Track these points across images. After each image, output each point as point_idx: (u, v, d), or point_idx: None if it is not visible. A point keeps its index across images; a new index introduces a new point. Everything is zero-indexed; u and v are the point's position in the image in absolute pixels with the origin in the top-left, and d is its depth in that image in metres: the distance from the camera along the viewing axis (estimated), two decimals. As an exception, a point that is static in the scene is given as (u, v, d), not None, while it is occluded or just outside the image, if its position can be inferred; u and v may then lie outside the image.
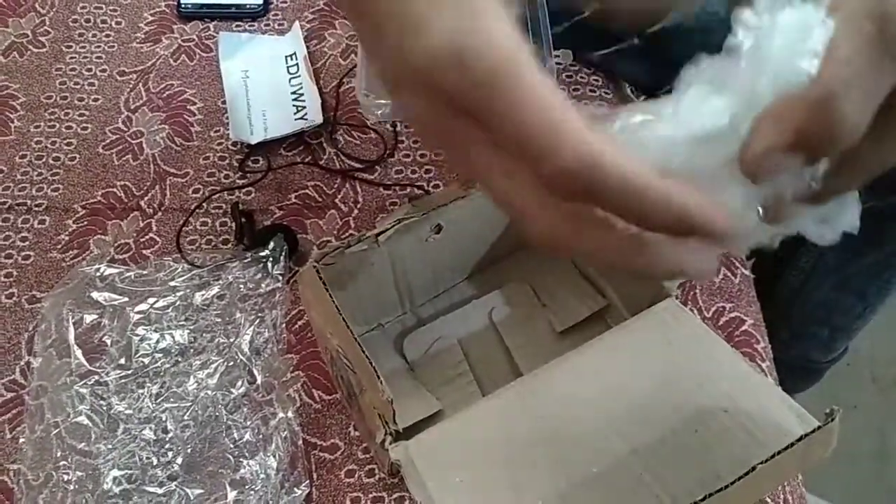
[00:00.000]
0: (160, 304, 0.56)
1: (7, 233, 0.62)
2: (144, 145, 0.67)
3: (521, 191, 0.27)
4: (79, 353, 0.53)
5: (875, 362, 1.33)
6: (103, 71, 0.72)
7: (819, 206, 0.29)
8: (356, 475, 0.51)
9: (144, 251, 0.61)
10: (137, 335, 0.55)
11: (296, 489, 0.49)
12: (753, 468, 0.39)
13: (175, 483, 0.49)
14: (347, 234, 0.62)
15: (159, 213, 0.63)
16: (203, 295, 0.57)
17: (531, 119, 0.24)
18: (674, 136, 0.26)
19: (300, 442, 0.52)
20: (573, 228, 0.27)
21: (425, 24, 0.25)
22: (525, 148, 0.25)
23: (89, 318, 0.55)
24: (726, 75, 0.26)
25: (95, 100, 0.70)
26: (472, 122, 0.26)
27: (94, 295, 0.56)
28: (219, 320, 0.56)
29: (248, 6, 0.76)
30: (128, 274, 0.58)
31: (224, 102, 0.69)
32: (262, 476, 0.49)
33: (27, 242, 0.61)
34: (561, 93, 0.25)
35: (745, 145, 0.25)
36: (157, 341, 0.55)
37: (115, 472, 0.49)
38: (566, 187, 0.25)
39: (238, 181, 0.65)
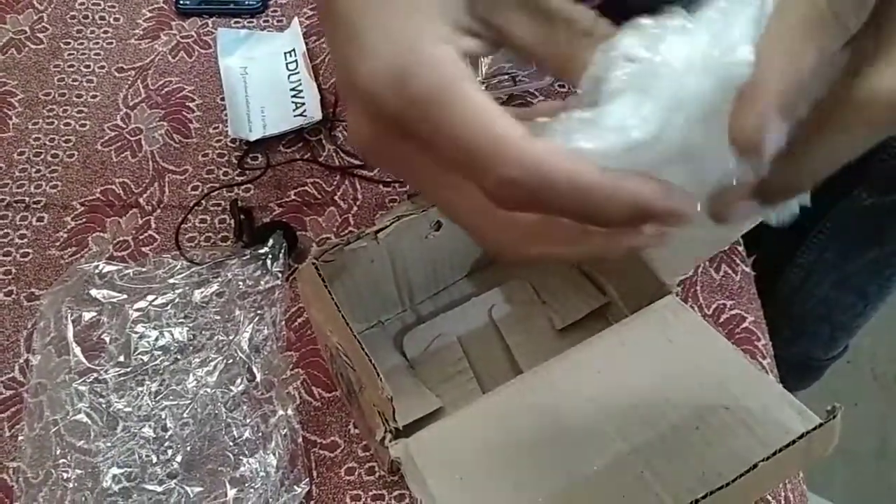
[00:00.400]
0: (159, 301, 0.56)
1: (5, 230, 0.61)
2: (143, 142, 0.67)
3: (468, 205, 0.27)
4: (78, 350, 0.53)
5: (876, 360, 1.33)
6: (101, 67, 0.72)
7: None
8: (356, 473, 0.51)
9: (143, 248, 0.61)
10: (136, 333, 0.54)
11: (295, 487, 0.49)
12: (755, 465, 0.39)
13: (174, 481, 0.49)
14: (347, 231, 0.62)
15: (158, 211, 0.63)
16: (202, 292, 0.57)
17: (470, 134, 0.24)
18: (605, 147, 0.25)
19: (300, 440, 0.52)
20: (522, 235, 0.27)
21: (370, 48, 0.26)
22: (467, 163, 0.25)
23: (88, 315, 0.55)
24: (651, 81, 0.26)
25: (94, 96, 0.70)
26: (415, 143, 0.26)
27: (93, 292, 0.56)
28: (218, 318, 0.55)
29: (246, 2, 0.75)
30: (126, 271, 0.58)
31: (223, 99, 0.69)
32: (261, 474, 0.49)
33: (25, 240, 0.61)
34: (500, 108, 0.25)
35: (736, 124, 0.25)
36: (157, 339, 0.54)
37: (115, 470, 0.49)
38: (512, 197, 0.25)
39: (237, 178, 0.65)
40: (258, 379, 0.53)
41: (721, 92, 0.25)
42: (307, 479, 0.50)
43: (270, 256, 0.58)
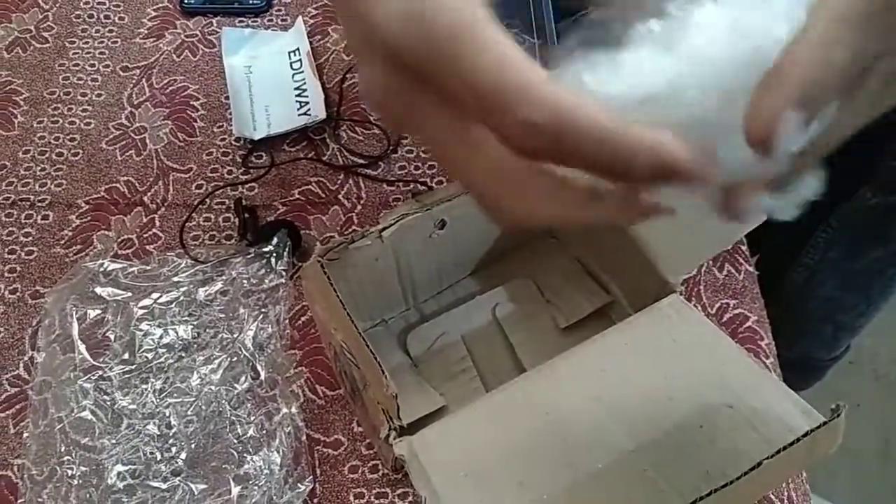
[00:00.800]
0: (163, 299, 0.56)
1: (10, 228, 0.62)
2: (148, 141, 0.67)
3: (483, 165, 0.26)
4: (82, 348, 0.53)
5: (878, 360, 1.33)
6: (106, 66, 0.72)
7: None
8: (360, 471, 0.51)
9: (148, 247, 0.61)
10: (141, 330, 0.55)
11: (299, 485, 0.49)
12: (759, 464, 0.39)
13: (179, 478, 0.49)
14: (351, 229, 0.62)
15: (162, 209, 0.63)
16: (206, 290, 0.57)
17: (491, 76, 0.23)
18: (615, 94, 0.24)
19: (304, 437, 0.52)
20: (535, 198, 0.26)
21: None
22: (487, 107, 0.24)
23: (93, 313, 0.55)
24: (674, 39, 0.25)
25: (98, 95, 0.70)
26: (432, 93, 0.25)
27: (98, 290, 0.56)
28: (222, 316, 0.56)
29: (251, 2, 0.76)
30: (131, 269, 0.58)
31: (227, 98, 0.69)
32: (265, 471, 0.49)
33: (30, 238, 0.61)
34: (522, 51, 0.24)
35: (752, 113, 0.24)
36: (161, 337, 0.54)
37: (119, 468, 0.49)
38: (533, 142, 0.24)
39: (241, 177, 0.65)
40: (262, 377, 0.53)
41: (746, 68, 0.24)
42: (311, 477, 0.50)
43: (274, 255, 0.58)
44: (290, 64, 0.71)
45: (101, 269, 0.57)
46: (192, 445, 0.50)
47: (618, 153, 0.23)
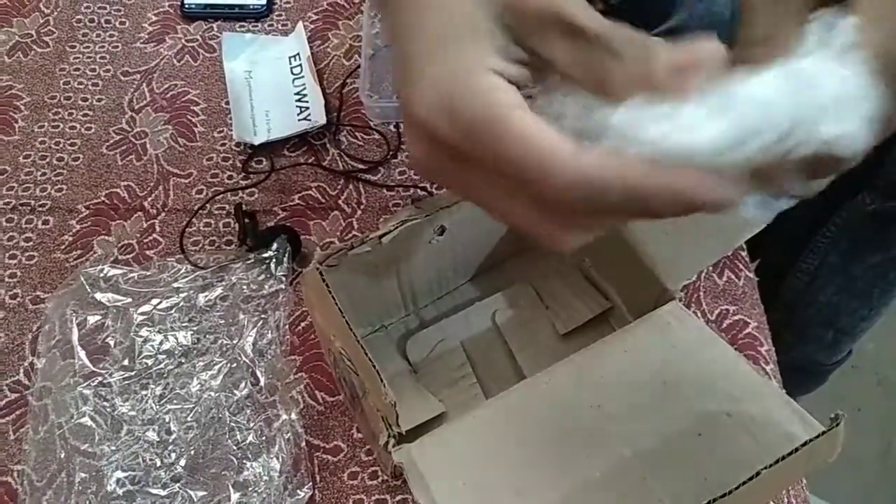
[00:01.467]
0: (163, 305, 0.56)
1: (11, 233, 0.62)
2: (148, 146, 0.67)
3: (525, 211, 0.28)
4: (82, 354, 0.54)
5: (880, 364, 1.32)
6: (107, 71, 0.72)
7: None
8: (359, 477, 0.51)
9: (148, 252, 0.61)
10: (141, 336, 0.55)
11: (299, 491, 0.49)
12: (758, 473, 0.39)
13: (178, 485, 0.49)
14: (351, 235, 0.62)
15: (163, 214, 0.63)
16: (206, 296, 0.57)
17: (522, 156, 0.26)
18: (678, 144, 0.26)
19: (303, 444, 0.52)
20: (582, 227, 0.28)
21: (422, 76, 0.27)
22: (522, 179, 0.26)
23: (93, 319, 0.55)
24: (731, 105, 0.26)
25: (99, 100, 0.70)
26: (471, 164, 0.27)
27: (98, 296, 0.56)
28: (222, 322, 0.56)
29: (251, 7, 0.76)
30: (131, 275, 0.58)
31: (227, 103, 0.69)
32: (265, 478, 0.49)
33: (31, 243, 0.61)
34: (549, 128, 0.26)
35: None
36: (161, 342, 0.55)
37: (119, 474, 0.49)
38: (570, 204, 0.26)
39: (241, 182, 0.65)
40: (262, 383, 0.53)
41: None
42: (310, 484, 0.50)
43: (274, 260, 0.58)
44: (291, 69, 0.71)
45: (101, 275, 0.57)
46: (192, 452, 0.50)
47: (644, 200, 0.25)
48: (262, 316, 0.56)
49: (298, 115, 0.67)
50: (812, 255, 0.77)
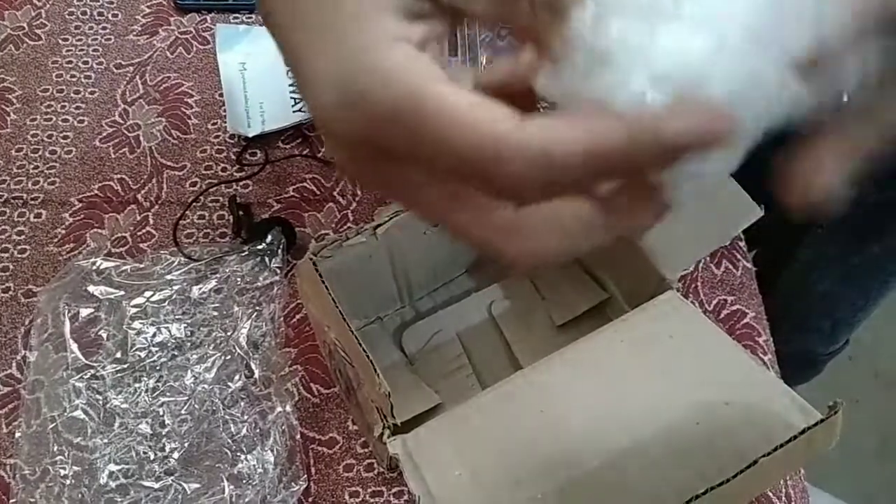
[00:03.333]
0: (157, 297, 0.56)
1: (3, 226, 0.61)
2: (141, 138, 0.67)
3: (478, 219, 0.24)
4: (75, 347, 0.53)
5: (877, 356, 1.33)
6: (100, 64, 0.71)
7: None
8: (355, 469, 0.51)
9: (141, 245, 0.60)
10: (134, 329, 0.54)
11: (294, 484, 0.49)
12: (756, 461, 0.39)
13: (172, 478, 0.49)
14: (346, 227, 0.62)
15: (156, 207, 0.63)
16: (200, 289, 0.56)
17: (458, 141, 0.21)
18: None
19: (298, 436, 0.51)
20: (536, 236, 0.24)
21: (314, 72, 0.23)
22: (466, 171, 0.21)
23: (85, 311, 0.55)
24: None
25: (92, 93, 0.70)
26: (402, 161, 0.23)
27: (91, 289, 0.56)
28: (216, 314, 0.55)
29: (245, -2, 0.75)
30: (124, 268, 0.57)
31: (221, 95, 0.69)
32: (259, 471, 0.49)
33: (23, 236, 0.61)
34: (479, 97, 0.21)
35: None
36: (154, 335, 0.54)
37: (112, 467, 0.49)
38: (527, 193, 0.22)
39: (235, 174, 0.64)
40: (256, 375, 0.53)
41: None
42: (305, 476, 0.50)
43: (269, 253, 0.57)
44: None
45: (94, 268, 0.57)
46: (186, 444, 0.50)
47: (620, 162, 0.21)
48: (257, 308, 0.56)
49: (293, 106, 0.67)
50: (809, 246, 0.77)
